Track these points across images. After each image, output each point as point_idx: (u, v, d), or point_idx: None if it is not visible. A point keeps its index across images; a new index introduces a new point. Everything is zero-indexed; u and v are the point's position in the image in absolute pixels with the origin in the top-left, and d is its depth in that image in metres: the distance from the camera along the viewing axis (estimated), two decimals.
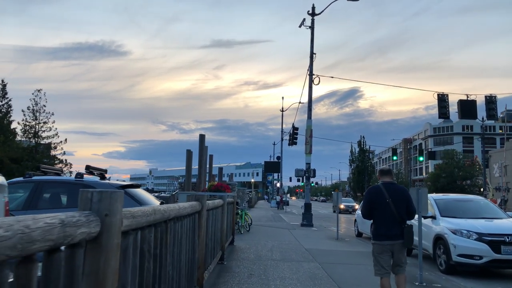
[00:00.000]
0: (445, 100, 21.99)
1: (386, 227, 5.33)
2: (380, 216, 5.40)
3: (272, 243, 12.71)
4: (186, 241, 4.31)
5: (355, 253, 11.21)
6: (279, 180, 52.55)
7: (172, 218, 3.42)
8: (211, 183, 16.74)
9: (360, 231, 16.27)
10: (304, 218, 20.62)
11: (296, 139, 31.82)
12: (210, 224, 6.35)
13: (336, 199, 14.89)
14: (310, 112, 21.59)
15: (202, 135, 20.09)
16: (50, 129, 39.44)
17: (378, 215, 5.41)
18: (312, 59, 21.66)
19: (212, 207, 6.41)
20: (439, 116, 22.08)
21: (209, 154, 22.50)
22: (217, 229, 7.49)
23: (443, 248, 8.87)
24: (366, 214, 5.61)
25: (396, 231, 5.29)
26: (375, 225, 5.47)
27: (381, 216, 5.39)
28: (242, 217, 16.14)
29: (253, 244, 12.14)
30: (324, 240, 14.24)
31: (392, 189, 5.43)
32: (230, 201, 10.82)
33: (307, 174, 21.15)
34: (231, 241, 11.55)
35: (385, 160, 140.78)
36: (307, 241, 13.68)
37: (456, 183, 53.46)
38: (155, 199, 7.63)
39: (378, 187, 5.53)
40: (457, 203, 10.27)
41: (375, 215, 5.46)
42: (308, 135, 21.46)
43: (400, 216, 5.34)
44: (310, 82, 21.46)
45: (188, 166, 20.56)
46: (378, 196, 5.42)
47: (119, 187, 6.58)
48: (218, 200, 7.59)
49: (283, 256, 9.95)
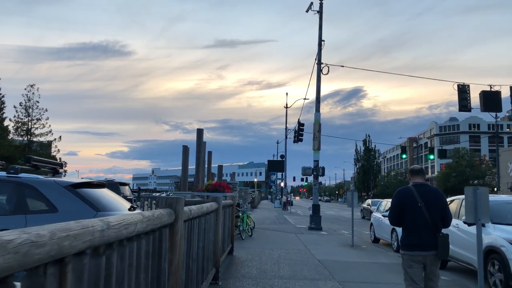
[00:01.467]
0: (466, 91, 20.06)
1: (417, 236, 4.66)
2: (410, 222, 4.73)
3: (279, 252, 10.85)
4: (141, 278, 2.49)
5: (378, 266, 9.33)
6: (283, 179, 50.63)
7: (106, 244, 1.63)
8: (208, 182, 14.90)
9: (377, 236, 14.39)
10: (312, 221, 18.74)
11: (301, 136, 29.93)
12: (194, 238, 4.51)
13: (351, 199, 13.00)
14: (319, 105, 19.71)
15: (200, 129, 18.29)
16: (43, 126, 37.66)
17: (408, 222, 4.74)
18: (320, 47, 19.79)
19: (198, 214, 4.56)
20: (460, 109, 20.15)
21: (208, 151, 20.66)
22: (207, 242, 5.64)
23: (498, 264, 6.96)
24: (394, 220, 4.88)
25: (429, 240, 4.64)
26: (405, 233, 4.79)
27: (411, 223, 4.72)
28: (243, 220, 14.28)
29: (256, 254, 10.29)
30: (337, 248, 12.36)
31: (425, 191, 4.79)
32: (228, 203, 8.96)
33: (316, 172, 19.25)
34: (229, 251, 9.71)
35: (390, 160, 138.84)
36: (318, 249, 11.81)
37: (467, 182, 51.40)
38: (126, 203, 5.75)
39: (408, 189, 4.85)
40: (510, 206, 8.35)
41: (404, 221, 4.77)
42: (316, 129, 19.56)
43: (434, 223, 4.68)
44: (319, 72, 19.57)
45: (185, 164, 18.74)
46: (409, 200, 4.76)
47: (68, 186, 4.71)
48: (209, 204, 5.74)
49: (293, 272, 8.09)
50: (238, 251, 10.58)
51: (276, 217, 28.32)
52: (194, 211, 4.26)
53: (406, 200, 4.78)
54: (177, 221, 3.33)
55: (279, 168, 47.50)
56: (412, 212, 4.70)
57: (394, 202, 4.92)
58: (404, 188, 4.96)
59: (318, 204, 19.17)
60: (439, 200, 4.80)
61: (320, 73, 19.51)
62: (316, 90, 19.62)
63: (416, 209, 4.69)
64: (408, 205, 4.73)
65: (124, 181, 17.94)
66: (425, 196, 4.75)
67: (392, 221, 4.92)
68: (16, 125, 36.81)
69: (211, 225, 6.11)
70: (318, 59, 19.73)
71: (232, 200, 9.97)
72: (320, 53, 19.74)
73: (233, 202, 10.13)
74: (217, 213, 6.61)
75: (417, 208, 4.70)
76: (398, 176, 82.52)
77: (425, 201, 4.71)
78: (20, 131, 36.91)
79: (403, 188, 4.98)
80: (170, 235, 3.25)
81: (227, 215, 8.77)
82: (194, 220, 4.46)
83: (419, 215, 4.68)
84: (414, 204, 4.71)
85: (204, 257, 5.32)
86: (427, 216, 4.67)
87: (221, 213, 7.08)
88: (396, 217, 4.83)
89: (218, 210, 6.61)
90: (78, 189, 4.66)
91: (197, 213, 4.46)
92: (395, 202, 4.89)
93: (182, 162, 18.39)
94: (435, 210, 4.72)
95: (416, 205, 4.71)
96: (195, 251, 4.56)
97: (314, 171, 19.25)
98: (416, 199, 4.72)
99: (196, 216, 4.52)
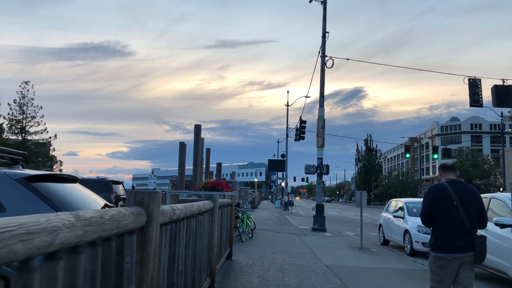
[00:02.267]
0: (478, 85, 19.11)
1: (451, 237, 4.25)
2: (444, 222, 4.31)
3: (282, 256, 9.89)
4: None
5: (395, 273, 8.35)
6: (283, 179, 49.63)
7: None
8: (206, 180, 13.92)
9: (387, 238, 13.41)
10: (315, 222, 17.77)
11: (303, 134, 28.94)
12: (181, 245, 3.55)
13: (360, 199, 12.03)
14: (323, 100, 18.74)
15: (198, 125, 17.31)
16: (38, 124, 36.64)
17: (441, 221, 4.33)
18: (324, 39, 18.83)
19: (186, 214, 3.61)
20: (471, 104, 19.19)
21: (206, 148, 19.69)
22: (200, 248, 4.68)
23: None
24: (426, 219, 4.44)
25: (465, 242, 4.24)
26: (437, 234, 4.35)
27: (445, 223, 4.31)
28: (243, 221, 13.33)
29: (257, 259, 9.33)
30: (345, 251, 11.40)
31: (461, 189, 4.39)
32: (226, 203, 7.99)
33: (319, 171, 18.27)
34: (228, 255, 8.76)
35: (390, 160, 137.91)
36: (325, 252, 10.85)
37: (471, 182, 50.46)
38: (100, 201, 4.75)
39: (443, 186, 4.41)
40: None
41: (437, 220, 4.36)
42: (320, 125, 18.59)
43: (470, 223, 4.27)
44: (323, 65, 18.61)
45: (181, 161, 17.75)
46: (444, 197, 4.34)
47: (21, 179, 3.72)
48: (201, 202, 4.77)
49: (300, 280, 7.12)
50: (237, 255, 9.63)
51: (277, 217, 27.36)
52: (180, 210, 3.30)
53: (440, 197, 4.37)
54: (151, 225, 2.37)
55: (280, 167, 46.54)
56: (447, 211, 4.31)
57: (427, 199, 4.45)
58: (438, 185, 4.50)
59: (322, 204, 18.19)
60: (476, 198, 4.40)
61: (324, 66, 18.54)
62: (320, 84, 18.65)
63: (452, 208, 4.30)
64: (443, 204, 4.33)
65: (118, 180, 16.94)
66: (461, 194, 4.36)
67: (425, 220, 4.48)
68: (10, 123, 35.79)
69: (205, 227, 5.16)
70: (322, 52, 18.77)
71: (231, 199, 9.00)
72: (324, 45, 18.77)
73: (232, 202, 9.17)
74: (213, 213, 5.65)
75: (452, 207, 4.31)
76: (400, 176, 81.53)
77: (461, 199, 4.33)
78: (14, 129, 35.90)
79: (437, 185, 4.52)
80: (140, 244, 2.30)
81: (225, 216, 7.81)
82: (180, 223, 3.51)
83: (454, 215, 4.30)
84: (449, 202, 4.32)
85: (195, 267, 4.36)
86: (463, 216, 4.29)
87: (218, 213, 6.12)
88: (429, 215, 4.41)
89: (214, 210, 5.65)
90: (35, 184, 3.70)
91: (184, 214, 3.51)
92: (428, 199, 4.43)
93: (179, 159, 17.43)
94: (471, 209, 4.33)
95: (451, 204, 4.31)
96: (181, 261, 3.60)
97: (317, 169, 18.28)
98: (452, 197, 4.33)
99: (183, 217, 3.57)
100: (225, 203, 7.70)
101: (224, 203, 7.51)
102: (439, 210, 4.35)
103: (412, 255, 10.95)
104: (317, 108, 18.97)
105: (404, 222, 11.81)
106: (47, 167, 38.05)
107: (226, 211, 8.06)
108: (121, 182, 17.03)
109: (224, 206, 7.67)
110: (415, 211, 11.66)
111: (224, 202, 7.41)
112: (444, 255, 4.26)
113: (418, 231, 10.86)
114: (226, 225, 8.16)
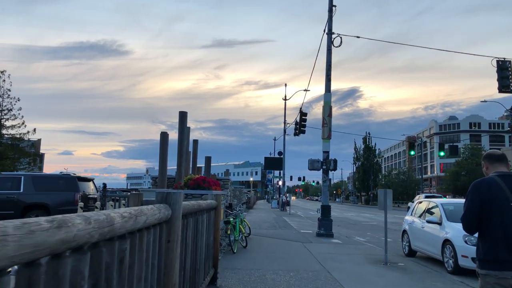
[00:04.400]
0: (508, 68, 16.60)
1: (507, 247, 3.10)
2: (497, 228, 3.17)
3: (286, 277, 7.28)
4: None
5: None
6: (280, 178, 47.02)
7: None
8: (188, 176, 11.31)
9: (414, 248, 10.81)
10: (321, 226, 15.17)
11: (304, 127, 26.34)
12: None
13: (384, 200, 9.44)
14: (329, 83, 16.15)
15: (183, 112, 14.69)
16: (15, 117, 33.77)
17: (492, 227, 3.19)
18: (331, 13, 16.24)
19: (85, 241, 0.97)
20: (500, 89, 16.68)
21: (193, 139, 17.02)
22: None
23: None
24: (471, 223, 3.27)
25: None
26: (486, 243, 3.21)
27: (499, 229, 3.17)
28: (236, 227, 10.70)
29: (252, 282, 6.72)
30: (367, 267, 8.80)
31: None
32: (207, 206, 5.32)
33: (325, 166, 15.65)
34: (211, 279, 6.12)
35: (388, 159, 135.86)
36: (342, 270, 8.26)
37: None
38: None
39: (493, 181, 3.26)
40: None
41: (487, 226, 3.22)
42: (326, 113, 16.00)
43: None
44: (329, 43, 16.01)
45: (163, 154, 15.07)
46: (494, 195, 3.21)
47: None
48: (134, 210, 2.13)
49: None
50: (225, 276, 7.02)
51: (275, 219, 24.74)
52: None
53: (491, 196, 3.24)
54: None
55: (277, 165, 43.95)
56: (500, 213, 3.19)
57: (472, 198, 3.30)
58: (486, 179, 3.33)
59: (329, 205, 15.57)
60: None
61: (331, 45, 15.93)
62: (327, 66, 16.05)
63: (506, 209, 3.18)
64: (495, 204, 3.21)
65: (87, 177, 14.22)
66: None
67: (468, 226, 3.33)
68: None
69: (149, 257, 2.53)
70: (329, 29, 16.17)
71: (215, 201, 6.33)
72: (331, 20, 16.17)
73: (217, 204, 6.49)
74: (171, 228, 3.00)
75: (507, 208, 3.19)
76: (400, 175, 79.19)
77: None
78: None
79: (484, 179, 3.34)
80: None
81: (204, 226, 5.17)
82: None
83: (509, 218, 3.19)
84: (503, 201, 3.19)
85: None
86: None
87: (184, 226, 3.49)
88: (474, 218, 3.27)
89: (172, 222, 3.00)
90: None
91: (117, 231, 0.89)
92: (474, 198, 3.29)
93: (160, 152, 14.76)
94: None
95: (507, 204, 3.19)
96: None
97: (323, 164, 15.65)
98: (507, 196, 3.21)
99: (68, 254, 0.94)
100: (205, 207, 5.07)
101: (203, 207, 4.87)
102: (489, 212, 3.28)
103: (457, 273, 8.35)
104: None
105: (442, 230, 9.21)
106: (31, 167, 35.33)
107: (207, 219, 5.41)
108: (92, 179, 14.35)
109: (204, 210, 5.04)
110: (456, 215, 9.06)
111: (202, 205, 4.77)
112: (498, 273, 3.17)
113: (466, 242, 8.26)
114: (207, 239, 5.51)
